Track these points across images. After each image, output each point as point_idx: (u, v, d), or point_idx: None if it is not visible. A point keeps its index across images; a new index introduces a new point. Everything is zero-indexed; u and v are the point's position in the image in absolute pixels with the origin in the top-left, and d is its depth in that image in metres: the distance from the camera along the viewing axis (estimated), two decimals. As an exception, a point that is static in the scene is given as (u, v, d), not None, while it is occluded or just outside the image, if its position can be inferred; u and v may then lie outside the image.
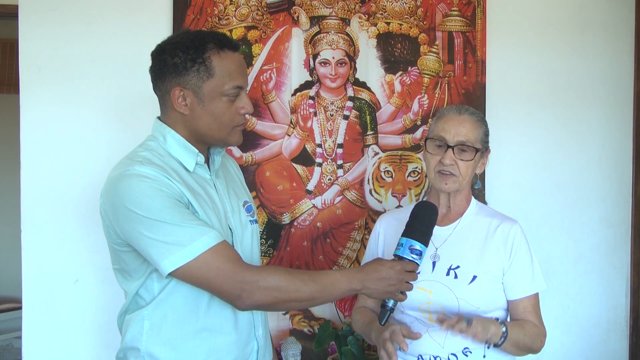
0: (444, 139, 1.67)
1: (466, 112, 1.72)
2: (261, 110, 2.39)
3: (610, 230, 2.53)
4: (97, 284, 2.33)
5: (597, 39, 2.51)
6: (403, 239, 1.54)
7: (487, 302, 1.65)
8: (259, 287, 1.41)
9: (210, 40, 1.51)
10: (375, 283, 1.48)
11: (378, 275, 1.48)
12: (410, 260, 1.51)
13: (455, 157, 1.66)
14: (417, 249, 1.51)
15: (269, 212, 2.40)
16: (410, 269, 1.51)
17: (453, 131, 1.67)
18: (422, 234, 1.53)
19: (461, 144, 1.66)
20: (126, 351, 1.53)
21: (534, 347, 1.68)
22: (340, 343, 2.26)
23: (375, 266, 1.50)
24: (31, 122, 2.33)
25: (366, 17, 2.42)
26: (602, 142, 2.52)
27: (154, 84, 1.56)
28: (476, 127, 1.70)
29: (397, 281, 1.49)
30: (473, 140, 1.67)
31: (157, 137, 1.55)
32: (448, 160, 1.66)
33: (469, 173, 1.69)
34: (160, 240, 1.40)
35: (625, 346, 2.55)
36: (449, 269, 1.67)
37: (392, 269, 1.49)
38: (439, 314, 1.66)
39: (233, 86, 1.51)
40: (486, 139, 1.73)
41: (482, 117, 1.75)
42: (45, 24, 2.32)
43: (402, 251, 1.52)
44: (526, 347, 1.67)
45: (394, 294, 1.51)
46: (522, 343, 1.64)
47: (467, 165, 1.67)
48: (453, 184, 1.68)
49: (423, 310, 1.66)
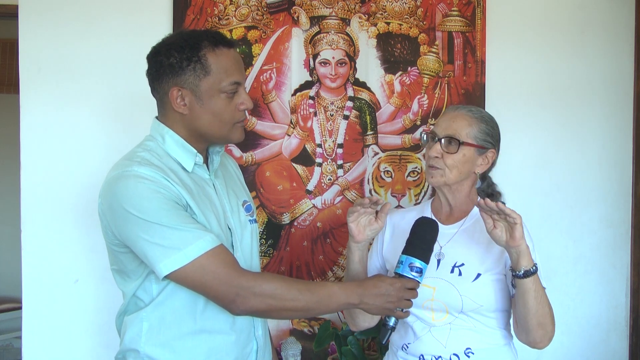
0: (435, 132, 1.70)
1: (464, 109, 1.72)
2: (261, 110, 2.39)
3: (610, 230, 2.53)
4: (97, 284, 2.34)
5: (597, 39, 2.50)
6: (403, 256, 1.53)
7: (491, 300, 1.64)
8: (254, 293, 1.41)
9: (205, 38, 1.51)
10: (374, 299, 1.47)
11: (377, 291, 1.48)
12: (410, 278, 1.50)
13: (442, 150, 1.66)
14: (418, 266, 1.50)
15: (269, 212, 2.40)
16: (411, 286, 1.50)
17: (444, 125, 1.69)
18: (422, 251, 1.52)
19: (447, 137, 1.67)
20: (125, 353, 1.53)
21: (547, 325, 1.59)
22: (340, 343, 2.26)
23: (375, 282, 1.50)
24: (31, 122, 2.33)
25: (366, 17, 2.42)
26: (602, 142, 2.52)
27: (152, 87, 1.56)
28: (469, 124, 1.69)
29: (397, 298, 1.48)
30: (463, 135, 1.67)
31: (156, 138, 1.55)
32: (433, 152, 1.67)
33: (457, 167, 1.67)
34: (156, 242, 1.39)
35: (625, 346, 2.55)
36: (454, 267, 1.66)
37: (392, 286, 1.48)
38: (442, 312, 1.65)
39: (230, 82, 1.51)
40: (484, 137, 1.70)
41: (483, 116, 1.73)
42: (45, 24, 2.32)
43: (402, 269, 1.51)
44: (544, 314, 1.57)
45: (393, 311, 1.50)
46: (544, 301, 1.56)
47: (452, 158, 1.66)
48: (440, 177, 1.68)
49: (426, 307, 1.66)
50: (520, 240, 1.50)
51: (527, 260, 1.53)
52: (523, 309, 1.58)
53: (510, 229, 1.50)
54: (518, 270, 1.53)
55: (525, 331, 1.61)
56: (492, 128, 1.73)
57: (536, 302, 1.55)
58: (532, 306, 1.56)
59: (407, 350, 1.69)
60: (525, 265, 1.52)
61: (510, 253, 1.55)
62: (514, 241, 1.50)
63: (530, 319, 1.57)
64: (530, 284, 1.54)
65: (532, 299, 1.55)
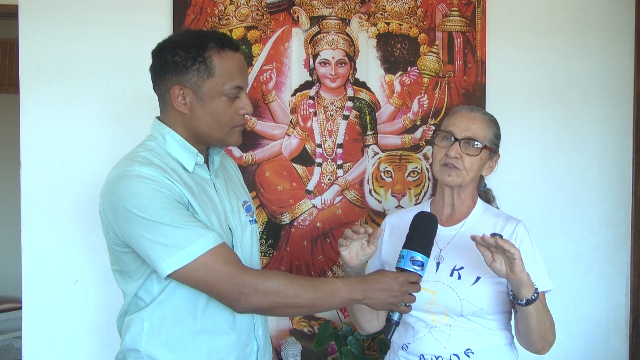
0: (453, 133, 1.68)
1: (478, 111, 1.74)
2: (261, 110, 2.39)
3: (610, 230, 2.53)
4: (97, 284, 2.34)
5: (597, 39, 2.51)
6: (404, 251, 1.53)
7: (490, 303, 1.63)
8: (257, 291, 1.41)
9: (211, 39, 1.51)
10: (377, 294, 1.47)
11: (380, 285, 1.48)
12: (412, 272, 1.50)
13: (461, 151, 1.66)
14: (419, 260, 1.50)
15: (269, 212, 2.40)
16: (413, 280, 1.50)
17: (463, 126, 1.68)
18: (422, 245, 1.52)
19: (468, 139, 1.67)
20: (125, 353, 1.53)
21: (549, 337, 1.63)
22: (340, 343, 2.26)
23: (378, 277, 1.49)
24: (31, 122, 2.33)
25: (366, 17, 2.42)
26: (602, 142, 2.52)
27: (154, 83, 1.56)
28: (486, 126, 1.70)
29: (400, 293, 1.48)
30: (481, 138, 1.68)
31: (157, 137, 1.55)
32: (454, 152, 1.66)
33: (474, 169, 1.68)
34: (159, 242, 1.39)
35: (625, 346, 2.55)
36: (453, 270, 1.66)
37: (395, 280, 1.48)
38: (442, 315, 1.65)
39: (233, 86, 1.51)
40: (496, 141, 1.73)
41: (494, 120, 1.75)
42: (45, 24, 2.32)
43: (404, 263, 1.51)
44: (546, 329, 1.60)
45: (396, 306, 1.50)
46: (545, 319, 1.59)
47: (472, 160, 1.67)
48: (457, 177, 1.68)
49: (426, 310, 1.66)
50: (521, 274, 1.50)
51: (527, 290, 1.54)
52: (525, 329, 1.61)
53: (510, 263, 1.49)
54: (520, 300, 1.55)
55: (527, 343, 1.66)
56: (498, 131, 1.76)
57: (538, 322, 1.58)
58: (534, 327, 1.59)
59: (407, 349, 1.69)
60: (526, 294, 1.54)
61: (511, 283, 1.56)
62: (514, 275, 1.50)
63: (533, 335, 1.61)
64: (532, 309, 1.56)
65: (534, 320, 1.58)
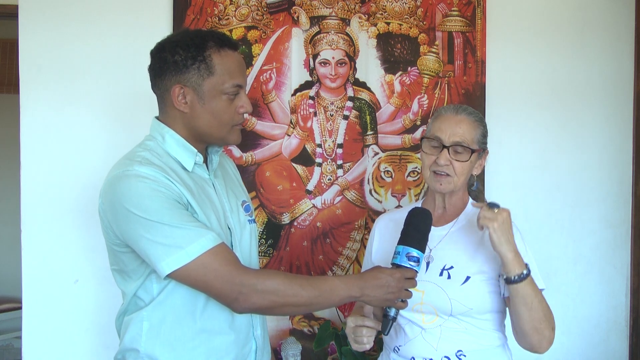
0: (440, 139, 1.66)
1: (464, 112, 1.70)
2: (261, 110, 2.39)
3: (610, 230, 2.53)
4: (97, 284, 2.34)
5: (597, 39, 2.51)
6: (399, 247, 1.53)
7: (480, 303, 1.62)
8: (256, 290, 1.41)
9: (211, 38, 1.51)
10: (374, 290, 1.48)
11: (377, 282, 1.48)
12: (408, 268, 1.51)
13: (450, 158, 1.64)
14: (414, 255, 1.51)
15: (268, 212, 2.40)
16: (410, 275, 1.50)
17: (449, 131, 1.65)
18: (417, 241, 1.52)
19: (457, 144, 1.65)
20: (125, 353, 1.53)
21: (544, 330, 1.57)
22: (340, 343, 2.26)
23: (375, 273, 1.50)
24: (31, 122, 2.33)
25: (366, 17, 2.42)
26: (602, 142, 2.52)
27: (153, 83, 1.56)
28: (473, 128, 1.68)
29: (397, 289, 1.48)
30: (469, 141, 1.66)
31: (156, 137, 1.55)
32: (443, 160, 1.64)
33: (465, 174, 1.67)
34: (158, 241, 1.39)
35: (625, 346, 2.55)
36: (443, 269, 1.65)
37: (392, 277, 1.48)
38: (432, 315, 1.65)
39: (233, 84, 1.51)
40: (484, 139, 1.71)
41: (481, 118, 1.73)
42: (45, 24, 2.32)
43: (400, 259, 1.51)
44: (539, 319, 1.54)
45: (394, 302, 1.50)
46: (537, 307, 1.53)
47: (462, 165, 1.66)
48: (448, 184, 1.67)
49: (416, 310, 1.65)
50: (499, 247, 1.51)
51: (514, 266, 1.51)
52: (514, 315, 1.57)
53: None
54: (508, 276, 1.53)
55: (521, 335, 1.60)
56: (485, 128, 1.73)
57: (526, 307, 1.53)
58: (523, 313, 1.54)
59: (398, 352, 1.68)
60: (511, 271, 1.52)
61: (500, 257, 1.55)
62: (493, 248, 1.51)
63: (523, 324, 1.56)
64: (519, 289, 1.52)
65: (522, 304, 1.54)
